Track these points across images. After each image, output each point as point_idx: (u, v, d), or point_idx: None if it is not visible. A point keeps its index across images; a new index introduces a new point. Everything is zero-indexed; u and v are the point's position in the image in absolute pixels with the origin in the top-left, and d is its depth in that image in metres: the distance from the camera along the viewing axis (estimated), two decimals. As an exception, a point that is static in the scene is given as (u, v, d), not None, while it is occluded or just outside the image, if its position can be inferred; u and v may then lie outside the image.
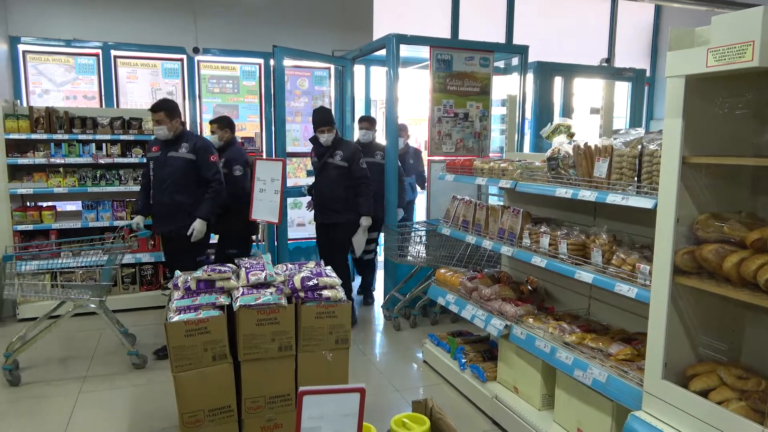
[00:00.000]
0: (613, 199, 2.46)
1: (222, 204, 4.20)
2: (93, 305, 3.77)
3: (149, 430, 3.06)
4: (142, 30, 5.69)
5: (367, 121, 5.27)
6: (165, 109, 4.00)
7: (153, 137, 4.26)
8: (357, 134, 5.38)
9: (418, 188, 5.91)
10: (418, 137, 5.99)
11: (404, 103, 5.02)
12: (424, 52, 5.04)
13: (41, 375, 3.78)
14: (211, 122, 4.76)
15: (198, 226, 3.97)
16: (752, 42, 1.69)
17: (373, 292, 5.60)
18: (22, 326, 4.76)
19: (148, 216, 4.27)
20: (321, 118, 4.54)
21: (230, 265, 2.78)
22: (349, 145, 4.68)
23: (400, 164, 5.19)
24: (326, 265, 2.90)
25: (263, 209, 4.29)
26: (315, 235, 4.91)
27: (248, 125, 6.20)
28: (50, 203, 5.13)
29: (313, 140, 4.68)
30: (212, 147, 4.22)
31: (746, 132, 2.11)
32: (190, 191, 4.06)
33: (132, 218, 4.34)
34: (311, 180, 4.92)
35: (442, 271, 4.05)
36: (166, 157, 4.06)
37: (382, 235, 5.11)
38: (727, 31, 1.79)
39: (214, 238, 4.67)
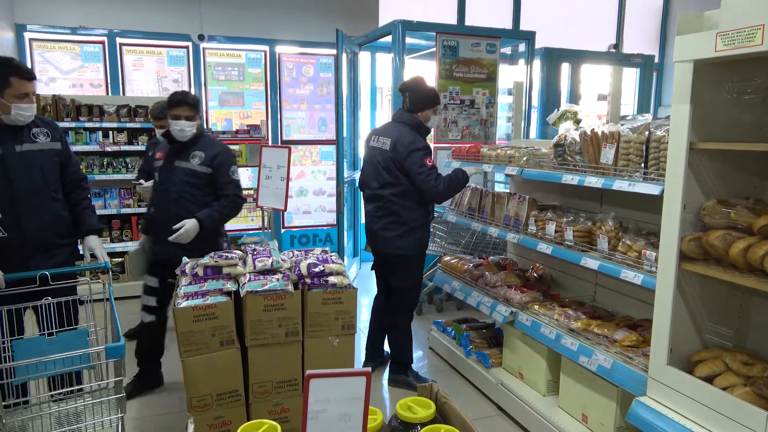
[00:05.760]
0: (620, 185, 2.45)
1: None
2: None
3: (157, 413, 3.11)
4: (147, 17, 5.67)
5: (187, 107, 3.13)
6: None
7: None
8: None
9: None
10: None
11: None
12: (428, 39, 5.00)
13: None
14: None
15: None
16: (762, 26, 1.67)
17: None
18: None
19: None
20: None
21: (237, 251, 2.80)
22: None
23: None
24: None
25: (269, 196, 4.30)
26: (320, 223, 4.72)
27: (254, 113, 6.20)
28: (58, 191, 5.16)
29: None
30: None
31: (755, 117, 2.09)
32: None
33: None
34: (315, 168, 4.57)
35: (448, 258, 4.06)
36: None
37: None
38: (736, 15, 1.77)
39: None
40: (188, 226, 3.00)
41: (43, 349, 2.02)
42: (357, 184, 3.87)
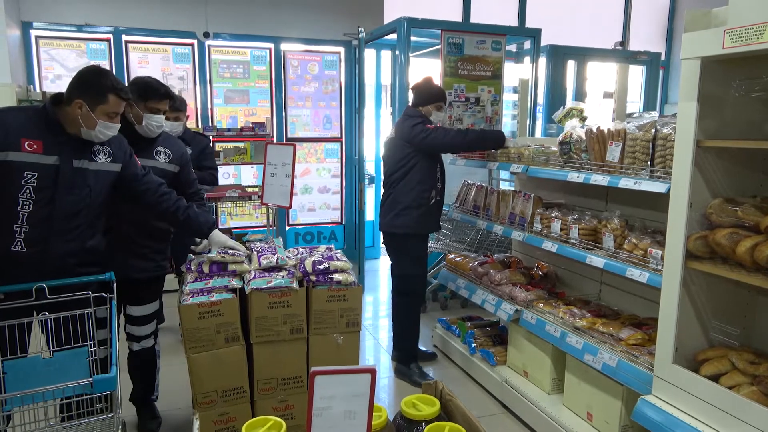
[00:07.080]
0: (626, 183, 2.44)
1: None
2: None
3: (162, 410, 3.12)
4: (152, 15, 5.68)
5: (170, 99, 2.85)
6: None
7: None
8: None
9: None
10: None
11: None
12: (433, 37, 4.99)
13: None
14: None
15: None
16: (770, 23, 1.66)
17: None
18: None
19: None
20: None
21: (243, 248, 2.80)
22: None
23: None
24: None
25: (274, 193, 4.30)
26: (325, 220, 4.84)
27: (259, 110, 6.21)
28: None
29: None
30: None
31: (763, 115, 2.08)
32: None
33: None
34: (320, 166, 4.67)
35: (452, 255, 4.05)
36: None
37: None
38: (744, 12, 1.75)
39: None
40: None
41: (38, 371, 1.83)
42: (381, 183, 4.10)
